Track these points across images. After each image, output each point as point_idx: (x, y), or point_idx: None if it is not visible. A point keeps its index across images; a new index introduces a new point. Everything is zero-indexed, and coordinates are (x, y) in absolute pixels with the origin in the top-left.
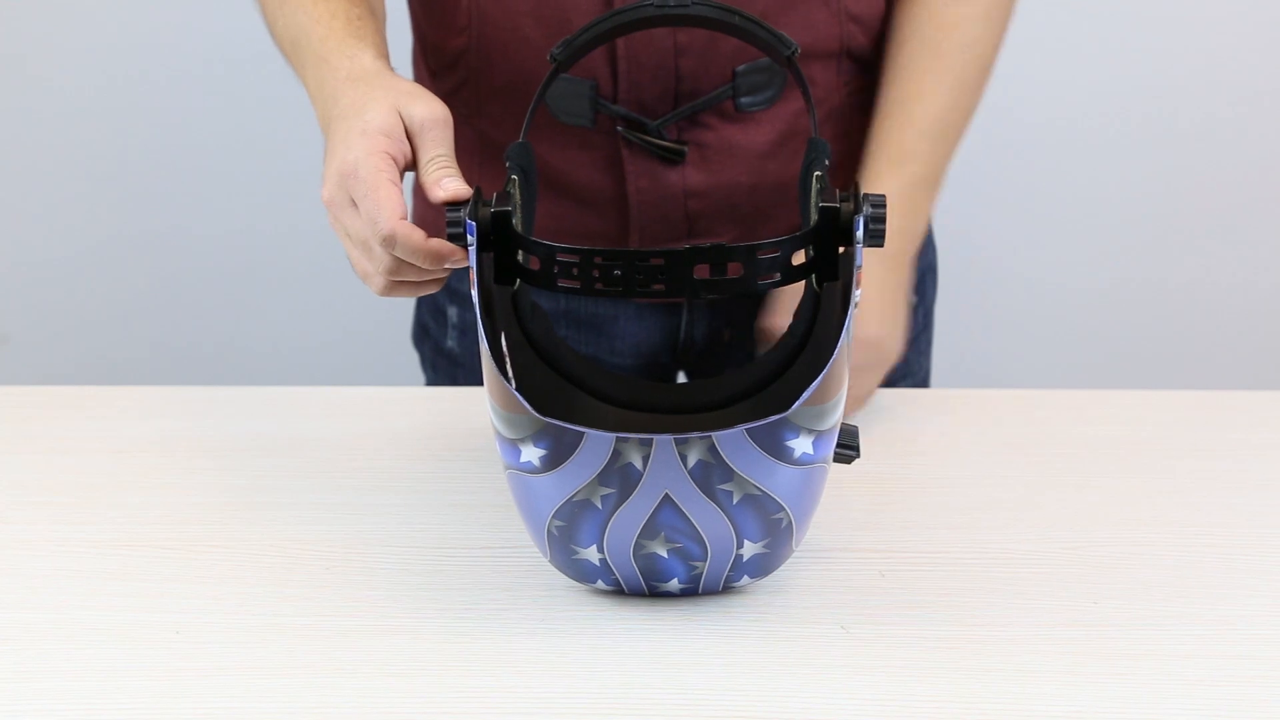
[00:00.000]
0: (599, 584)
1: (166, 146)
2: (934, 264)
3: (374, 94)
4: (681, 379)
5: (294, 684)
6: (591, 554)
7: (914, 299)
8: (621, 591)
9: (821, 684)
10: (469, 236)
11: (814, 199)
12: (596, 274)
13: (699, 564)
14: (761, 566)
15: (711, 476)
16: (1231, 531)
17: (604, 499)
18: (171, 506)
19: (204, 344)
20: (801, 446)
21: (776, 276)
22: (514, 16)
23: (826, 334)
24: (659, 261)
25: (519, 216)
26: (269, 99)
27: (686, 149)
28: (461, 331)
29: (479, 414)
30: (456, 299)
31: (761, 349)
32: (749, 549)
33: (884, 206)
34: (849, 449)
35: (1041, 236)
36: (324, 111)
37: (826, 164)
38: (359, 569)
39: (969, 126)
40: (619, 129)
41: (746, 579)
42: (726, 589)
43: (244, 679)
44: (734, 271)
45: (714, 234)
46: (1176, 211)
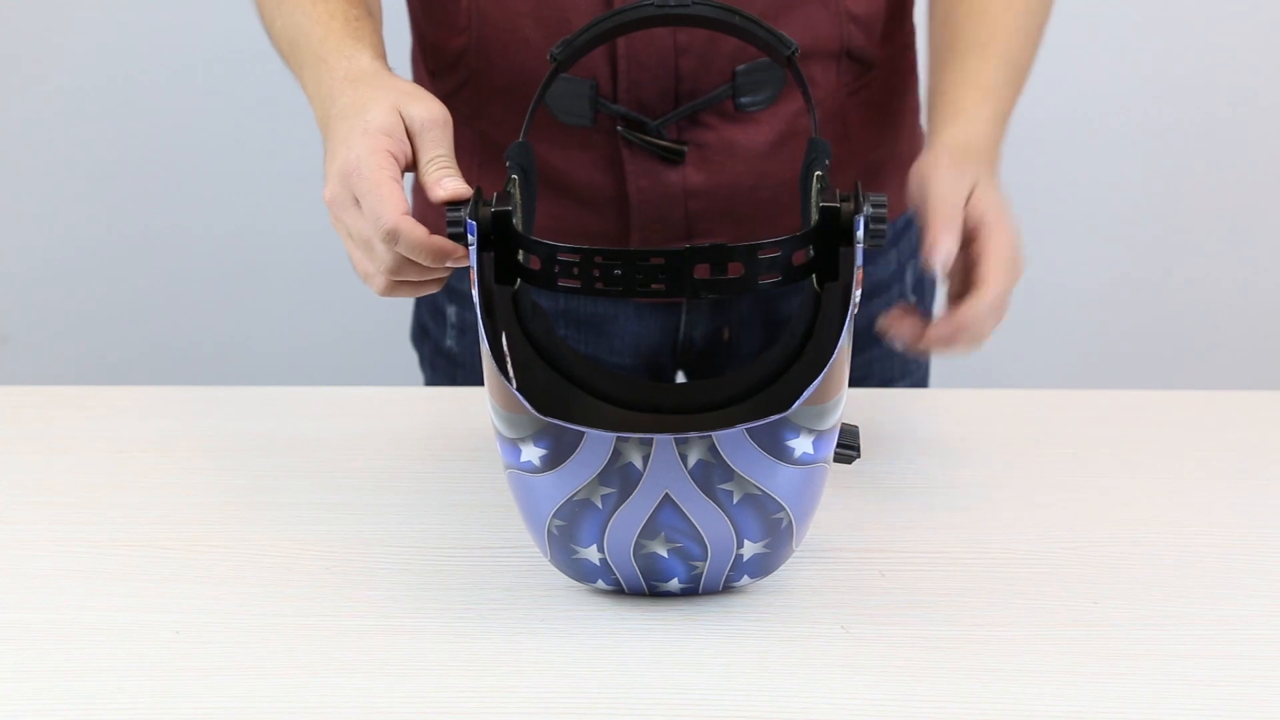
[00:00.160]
0: (599, 584)
1: (166, 146)
2: None
3: (374, 94)
4: (680, 379)
5: (294, 684)
6: (591, 554)
7: (913, 299)
8: (621, 591)
9: (821, 684)
10: (469, 236)
11: (814, 199)
12: (597, 273)
13: (699, 564)
14: (762, 566)
15: (712, 476)
16: (1231, 531)
17: (604, 499)
18: (171, 506)
19: (204, 344)
20: (802, 446)
21: (777, 276)
22: (514, 17)
23: (827, 334)
24: (659, 261)
25: (519, 216)
26: (269, 99)
27: (686, 149)
28: (461, 331)
29: (479, 414)
30: (456, 298)
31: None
32: (749, 549)
33: (884, 206)
34: (849, 449)
35: (1042, 236)
36: (322, 112)
37: (827, 164)
38: (359, 569)
39: (1031, 68)
40: (619, 129)
41: (747, 579)
42: (727, 589)
43: (244, 679)
44: (734, 271)
45: (714, 234)
46: (1176, 211)
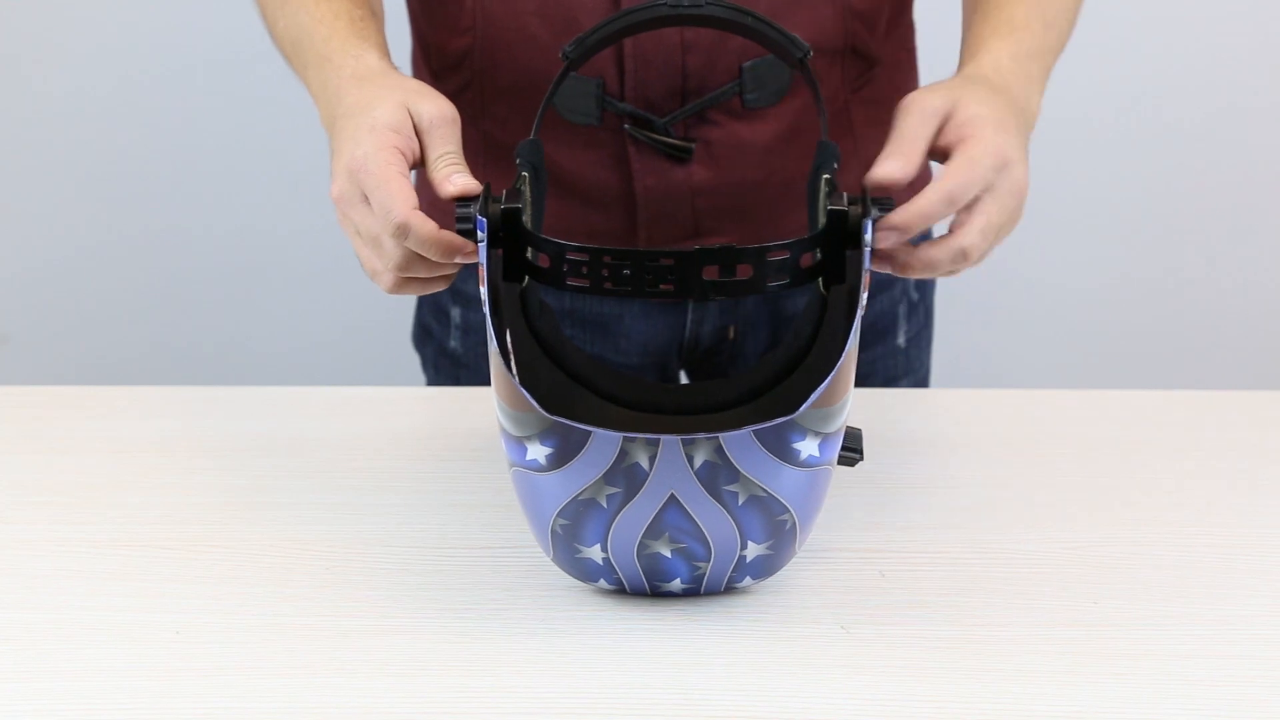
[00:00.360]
0: (601, 583)
1: (166, 146)
2: None
3: (381, 92)
4: (684, 379)
5: (294, 684)
6: (595, 553)
7: (915, 296)
8: (623, 591)
9: (821, 684)
10: (479, 232)
11: (822, 202)
12: (606, 273)
13: (702, 564)
14: (764, 568)
15: (718, 477)
16: (1231, 531)
17: (609, 498)
18: (171, 506)
19: (204, 344)
20: (808, 448)
21: (785, 279)
22: (520, 16)
23: (833, 337)
24: (669, 262)
25: (529, 214)
26: (269, 99)
27: (694, 146)
28: (465, 332)
29: (479, 414)
30: (460, 299)
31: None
32: (753, 550)
33: (891, 208)
34: (853, 452)
35: (1042, 236)
36: (328, 111)
37: (835, 167)
38: (359, 569)
39: (1068, 39)
40: (626, 127)
41: (749, 580)
42: (728, 590)
43: (244, 679)
44: (743, 273)
45: (721, 231)
46: (1176, 211)
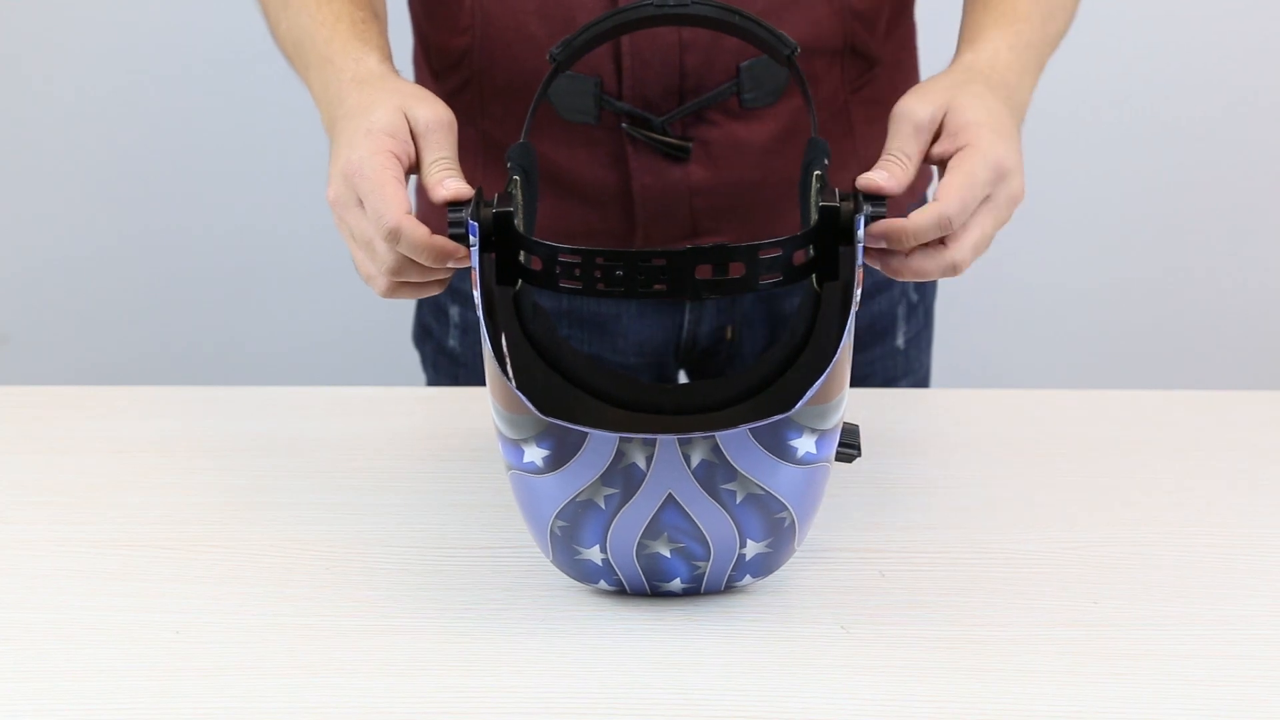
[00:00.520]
0: (601, 584)
1: (166, 147)
2: None
3: (379, 96)
4: (683, 378)
5: (294, 684)
6: (594, 554)
7: (915, 297)
8: (623, 591)
9: (821, 684)
10: (471, 237)
11: (814, 198)
12: (598, 274)
13: (701, 564)
14: (764, 566)
15: (715, 476)
16: (1231, 531)
17: (607, 499)
18: (171, 506)
19: (204, 344)
20: (804, 446)
21: (778, 276)
22: (518, 15)
23: (828, 333)
24: (661, 262)
25: (521, 217)
26: (269, 99)
27: (691, 145)
28: (464, 331)
29: (479, 414)
30: (459, 298)
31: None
32: (752, 548)
33: (884, 206)
34: (851, 448)
35: (1041, 236)
36: (329, 113)
37: (826, 163)
38: (359, 569)
39: (1066, 32)
40: (623, 126)
41: (749, 578)
42: (728, 588)
43: (244, 679)
44: (736, 271)
45: (719, 231)
46: (1176, 211)
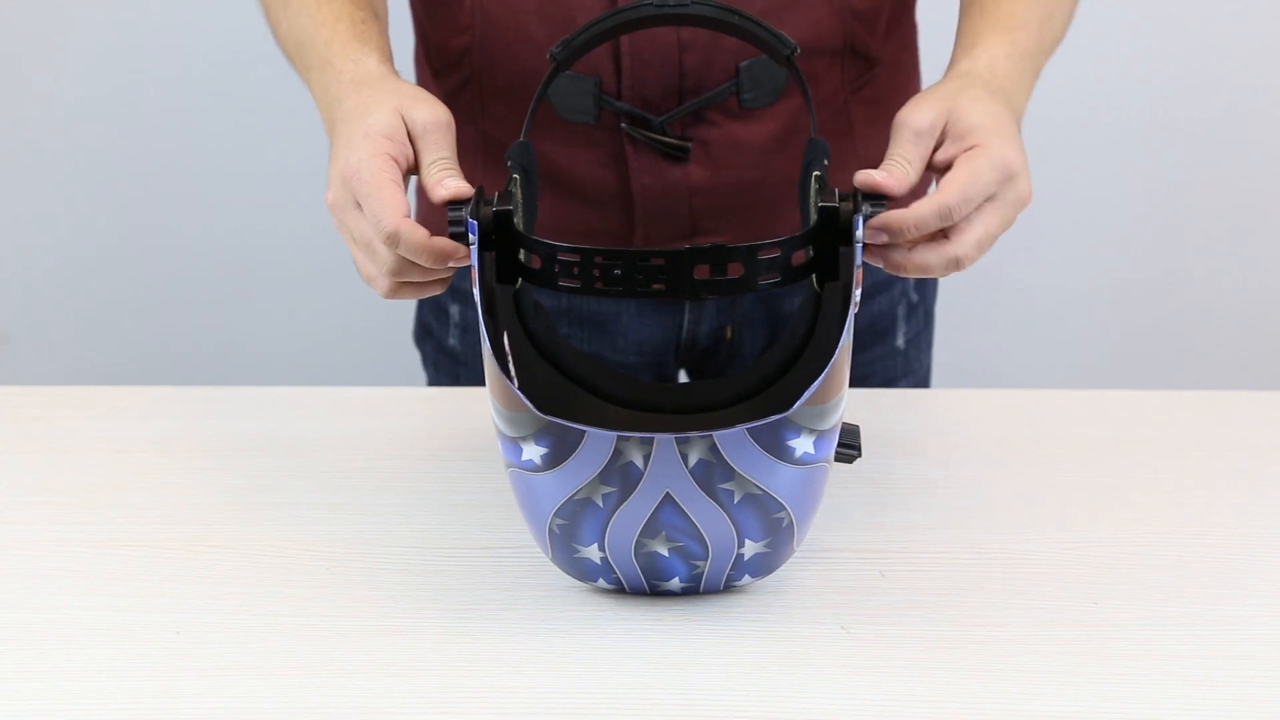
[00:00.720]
0: (600, 583)
1: (166, 146)
2: None
3: (377, 97)
4: (683, 378)
5: (294, 684)
6: (593, 553)
7: (915, 297)
8: (623, 590)
9: (821, 684)
10: (471, 235)
11: (813, 199)
12: (597, 273)
13: (700, 563)
14: (763, 566)
15: (712, 476)
16: (1231, 531)
17: (605, 498)
18: (171, 506)
19: (204, 344)
20: (803, 446)
21: (777, 277)
22: (518, 15)
23: (828, 334)
24: (659, 262)
25: (520, 215)
26: (269, 99)
27: (691, 145)
28: (464, 329)
29: (479, 414)
30: (459, 297)
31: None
32: (750, 548)
33: (883, 205)
34: (851, 448)
35: (1041, 236)
36: (329, 114)
37: (825, 164)
38: (359, 569)
39: (1062, 39)
40: (623, 126)
41: (748, 578)
42: (728, 588)
43: (244, 679)
44: (734, 271)
45: (718, 231)
46: (1176, 211)
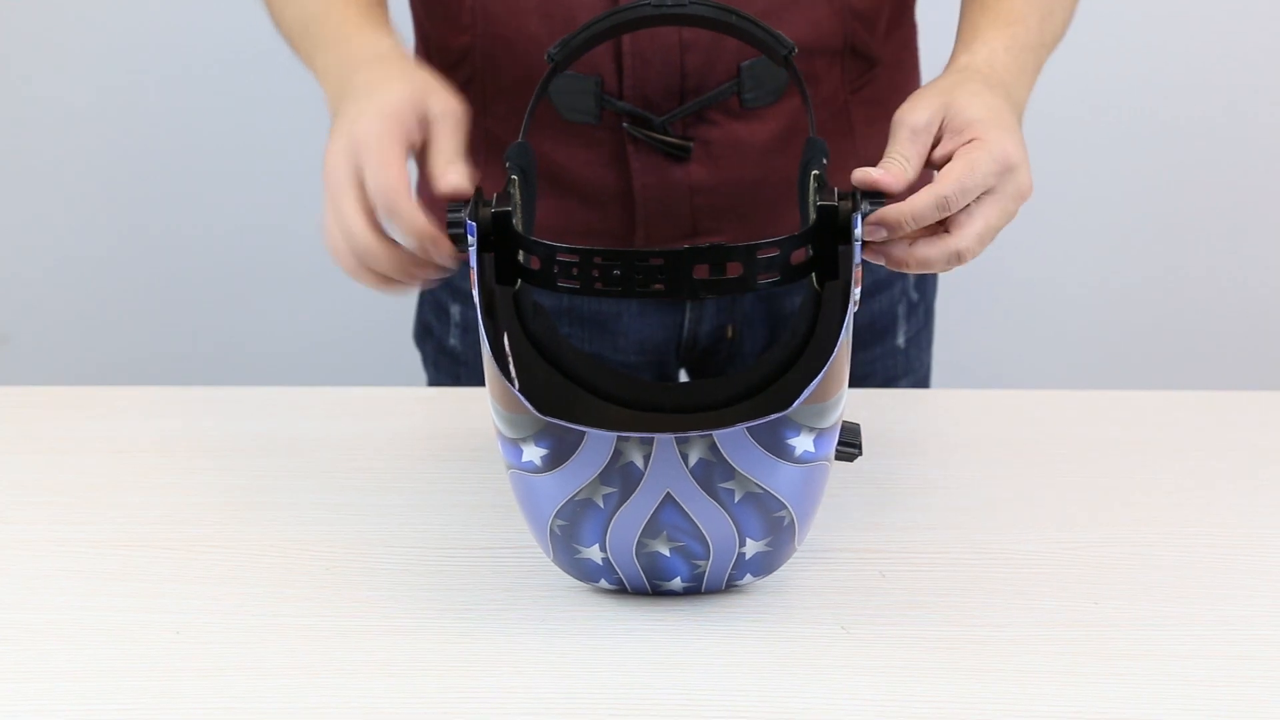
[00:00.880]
0: (602, 583)
1: (166, 146)
2: None
3: (395, 75)
4: (684, 377)
5: (294, 684)
6: (594, 553)
7: (915, 296)
8: (624, 591)
9: (821, 684)
10: (470, 237)
11: (811, 198)
12: (596, 274)
13: (701, 563)
14: (764, 565)
15: (713, 475)
16: (1231, 531)
17: (606, 498)
18: (171, 506)
19: (204, 344)
20: (803, 444)
21: (776, 276)
22: (519, 14)
23: (827, 332)
24: (658, 262)
25: (519, 216)
26: (269, 99)
27: (692, 145)
28: (464, 329)
29: (480, 414)
30: (459, 297)
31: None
32: (751, 547)
33: (882, 204)
34: (851, 447)
35: (1042, 236)
36: (338, 90)
37: (824, 163)
38: (359, 569)
39: (1063, 35)
40: (624, 125)
41: (749, 577)
42: (730, 587)
43: (244, 679)
44: (733, 271)
45: (719, 231)
46: (1176, 211)
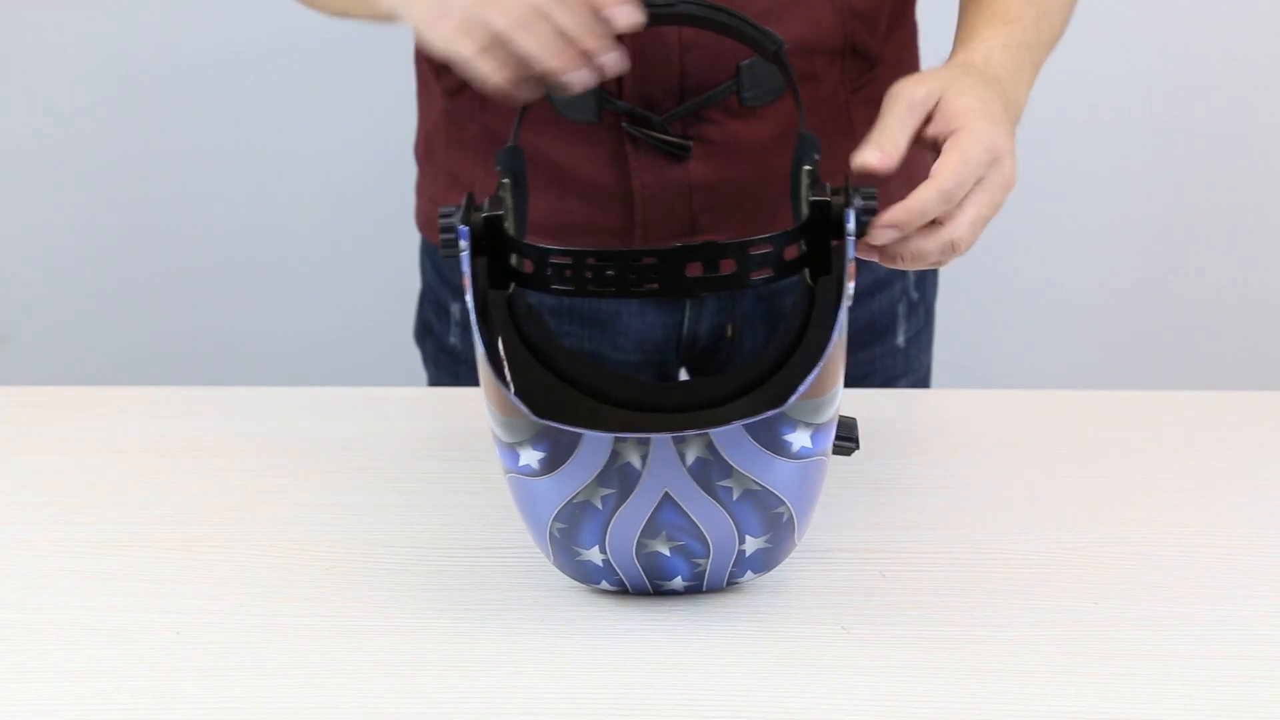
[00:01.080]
0: (603, 584)
1: (166, 146)
2: None
3: None
4: (684, 376)
5: (294, 684)
6: (594, 555)
7: (915, 295)
8: (626, 591)
9: (821, 684)
10: (462, 242)
11: (804, 193)
12: (589, 275)
13: (702, 561)
14: (764, 561)
15: (710, 473)
16: (1231, 531)
17: (604, 499)
18: (171, 506)
19: (204, 344)
20: (800, 440)
21: (769, 272)
22: None
23: (821, 328)
24: (651, 261)
25: (511, 220)
26: (269, 99)
27: (692, 144)
28: (464, 328)
29: (479, 414)
30: (459, 295)
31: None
32: (751, 544)
33: (875, 199)
34: (848, 441)
35: (1042, 236)
36: None
37: (816, 159)
38: (359, 569)
39: (1061, 35)
40: (624, 124)
41: (750, 574)
42: (731, 585)
43: (244, 679)
44: (727, 268)
45: (719, 229)
46: (1176, 211)
